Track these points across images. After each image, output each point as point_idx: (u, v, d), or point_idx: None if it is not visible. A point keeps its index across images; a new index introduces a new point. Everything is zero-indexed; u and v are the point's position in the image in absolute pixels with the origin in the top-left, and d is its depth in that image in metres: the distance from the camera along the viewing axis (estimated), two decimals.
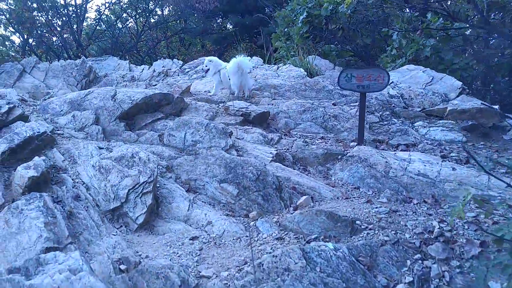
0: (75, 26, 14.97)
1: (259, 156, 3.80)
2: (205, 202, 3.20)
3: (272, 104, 5.31)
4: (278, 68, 7.03)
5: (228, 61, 5.70)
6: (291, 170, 3.60)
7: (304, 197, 3.10)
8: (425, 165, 3.33)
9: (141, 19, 16.09)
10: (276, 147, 4.14)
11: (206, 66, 5.98)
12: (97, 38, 16.18)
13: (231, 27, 15.89)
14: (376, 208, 2.81)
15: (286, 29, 9.45)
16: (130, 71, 9.50)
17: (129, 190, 3.03)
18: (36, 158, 3.33)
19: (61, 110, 4.95)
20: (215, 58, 5.98)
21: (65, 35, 15.09)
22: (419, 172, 3.26)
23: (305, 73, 6.37)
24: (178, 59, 18.68)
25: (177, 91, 5.82)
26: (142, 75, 8.05)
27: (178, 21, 16.09)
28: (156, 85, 7.36)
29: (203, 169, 3.48)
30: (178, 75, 7.64)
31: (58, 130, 4.38)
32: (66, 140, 4.18)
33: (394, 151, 3.87)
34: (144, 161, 3.30)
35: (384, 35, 7.44)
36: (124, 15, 16.16)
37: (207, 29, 15.94)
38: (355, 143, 4.10)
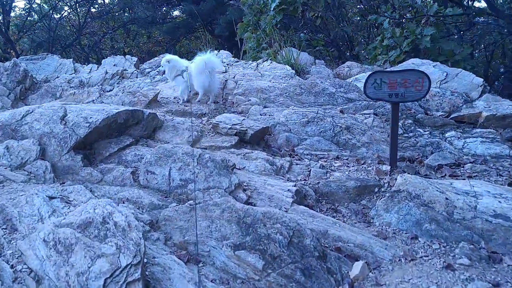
0: (0, 17, 12.87)
1: (275, 196, 2.89)
2: (216, 280, 2.25)
3: (265, 114, 4.38)
4: (258, 66, 6.07)
5: (184, 56, 4.68)
6: (322, 216, 2.73)
7: (359, 264, 2.26)
8: (499, 201, 2.60)
9: (80, 9, 14.24)
10: (289, 178, 3.24)
11: (162, 67, 4.92)
12: (28, 31, 14.11)
13: (183, 15, 14.51)
14: (468, 280, 2.03)
15: (253, 18, 8.46)
16: (75, 72, 8.11)
17: (105, 280, 2.01)
18: None
19: None
20: (173, 57, 4.92)
21: None
22: (495, 213, 2.51)
23: (293, 71, 5.48)
24: (125, 53, 17.04)
25: (143, 101, 4.71)
26: (92, 77, 6.74)
27: (124, 11, 14.41)
28: (111, 90, 6.13)
29: (206, 226, 2.51)
30: (137, 77, 6.45)
31: None
32: None
33: (441, 176, 3.12)
34: (123, 228, 2.27)
35: (371, 23, 6.71)
36: (60, 3, 14.21)
37: (157, 18, 14.45)
38: (387, 167, 3.30)
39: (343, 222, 2.74)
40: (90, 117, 3.52)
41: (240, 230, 2.42)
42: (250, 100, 4.81)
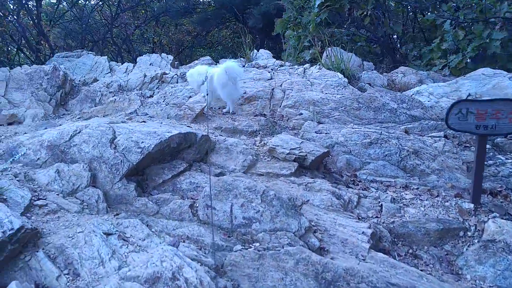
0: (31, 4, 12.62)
1: (349, 240, 2.65)
2: None
3: (321, 132, 4.12)
4: (305, 71, 5.76)
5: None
6: (405, 267, 2.47)
7: None
8: None
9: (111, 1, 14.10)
10: (359, 215, 2.99)
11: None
12: (59, 20, 13.96)
13: (214, 6, 14.18)
14: None
15: (293, 14, 8.09)
16: (111, 71, 8.03)
17: None
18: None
19: (38, 158, 3.63)
20: (193, 71, 4.88)
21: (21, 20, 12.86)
22: None
23: (345, 79, 5.15)
24: (154, 43, 16.86)
25: (189, 115, 4.53)
26: (129, 81, 6.61)
27: (154, 1, 14.21)
28: (151, 96, 5.99)
29: (278, 278, 2.31)
30: (177, 82, 6.26)
31: (38, 198, 3.09)
32: (52, 219, 2.90)
33: None
34: (195, 286, 2.10)
35: (427, 24, 6.25)
36: None
37: (190, 9, 14.20)
38: (468, 204, 3.00)
39: (429, 274, 2.48)
40: (142, 142, 3.35)
41: (320, 287, 2.20)
42: (302, 114, 4.55)
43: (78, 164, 3.37)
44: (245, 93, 5.17)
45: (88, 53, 9.13)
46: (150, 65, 8.04)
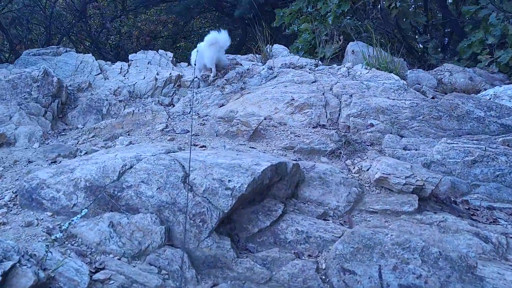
0: None
1: None
2: None
3: (407, 148, 3.50)
4: (349, 72, 5.10)
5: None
6: None
7: None
8: None
9: None
10: None
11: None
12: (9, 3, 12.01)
13: None
14: None
15: (306, 5, 7.35)
16: (102, 71, 6.94)
17: None
18: None
19: (73, 205, 2.75)
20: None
21: None
22: None
23: (404, 82, 4.55)
24: (121, 34, 15.31)
25: (244, 132, 3.74)
26: (137, 85, 5.63)
27: None
28: (171, 105, 5.10)
29: None
30: (199, 86, 5.36)
31: (96, 269, 2.25)
32: None
33: None
34: None
35: (467, 16, 5.77)
36: None
37: None
38: None
39: None
40: (229, 180, 2.56)
41: None
42: (373, 125, 3.90)
43: (142, 214, 2.52)
44: (292, 99, 4.44)
45: (67, 50, 7.87)
46: (148, 63, 7.01)
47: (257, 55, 6.69)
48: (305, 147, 3.43)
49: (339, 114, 4.25)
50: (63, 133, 4.70)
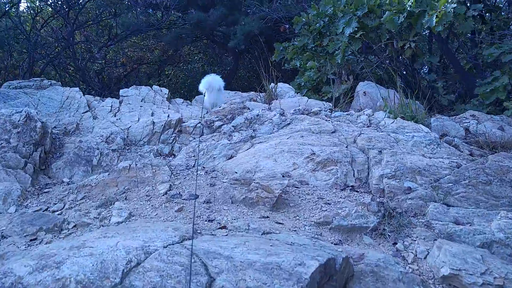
0: None
1: None
2: None
3: (460, 223, 2.98)
4: (370, 120, 4.61)
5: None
6: None
7: None
8: None
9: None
10: None
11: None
12: None
13: (187, 25, 12.56)
14: None
15: (311, 42, 6.94)
16: (90, 108, 6.34)
17: None
18: None
19: None
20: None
21: None
22: None
23: (436, 134, 4.09)
24: (106, 61, 14.64)
25: (266, 199, 3.16)
26: (132, 129, 5.01)
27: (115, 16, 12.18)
28: (170, 154, 4.51)
29: None
30: (203, 133, 4.78)
31: None
32: None
33: None
34: None
35: (489, 59, 5.43)
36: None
37: (158, 26, 12.42)
38: None
39: None
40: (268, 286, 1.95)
41: None
42: (411, 188, 3.38)
43: None
44: (313, 153, 3.91)
45: (52, 83, 7.22)
46: (141, 101, 6.41)
47: (260, 94, 6.18)
48: (344, 224, 2.86)
49: (368, 173, 3.73)
50: (45, 190, 4.01)
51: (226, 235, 2.55)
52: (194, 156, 4.28)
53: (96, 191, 3.82)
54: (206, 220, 2.88)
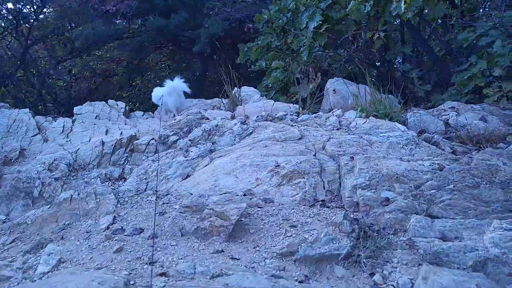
0: None
1: None
2: None
3: (449, 239, 2.56)
4: (340, 122, 4.18)
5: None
6: None
7: None
8: None
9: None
10: None
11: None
12: None
13: (149, 31, 11.98)
14: None
15: (275, 40, 6.50)
16: (40, 131, 5.78)
17: None
18: None
19: None
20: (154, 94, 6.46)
21: None
22: None
23: (413, 133, 3.68)
24: (72, 74, 13.93)
25: (221, 228, 2.70)
26: (80, 152, 4.48)
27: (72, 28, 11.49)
28: (121, 178, 4.01)
29: None
30: (156, 151, 4.28)
31: None
32: None
33: None
34: None
35: (463, 43, 5.06)
36: None
37: (118, 36, 11.81)
38: None
39: None
40: None
41: None
42: (389, 199, 2.95)
43: None
44: (277, 165, 3.45)
45: (1, 108, 6.60)
46: (96, 118, 5.86)
47: (223, 100, 5.70)
48: (311, 254, 2.39)
49: (339, 184, 3.29)
50: None
51: (164, 286, 2.06)
52: (146, 178, 3.78)
53: (31, 229, 3.28)
54: (146, 263, 2.39)
